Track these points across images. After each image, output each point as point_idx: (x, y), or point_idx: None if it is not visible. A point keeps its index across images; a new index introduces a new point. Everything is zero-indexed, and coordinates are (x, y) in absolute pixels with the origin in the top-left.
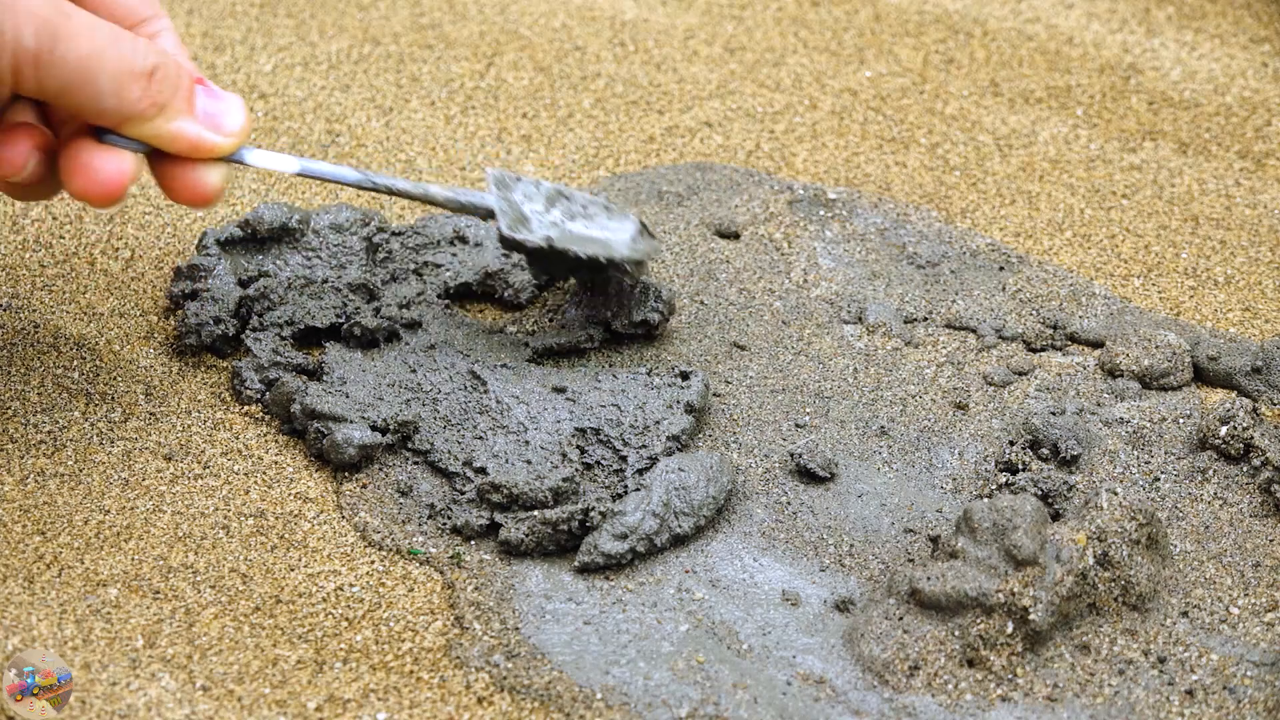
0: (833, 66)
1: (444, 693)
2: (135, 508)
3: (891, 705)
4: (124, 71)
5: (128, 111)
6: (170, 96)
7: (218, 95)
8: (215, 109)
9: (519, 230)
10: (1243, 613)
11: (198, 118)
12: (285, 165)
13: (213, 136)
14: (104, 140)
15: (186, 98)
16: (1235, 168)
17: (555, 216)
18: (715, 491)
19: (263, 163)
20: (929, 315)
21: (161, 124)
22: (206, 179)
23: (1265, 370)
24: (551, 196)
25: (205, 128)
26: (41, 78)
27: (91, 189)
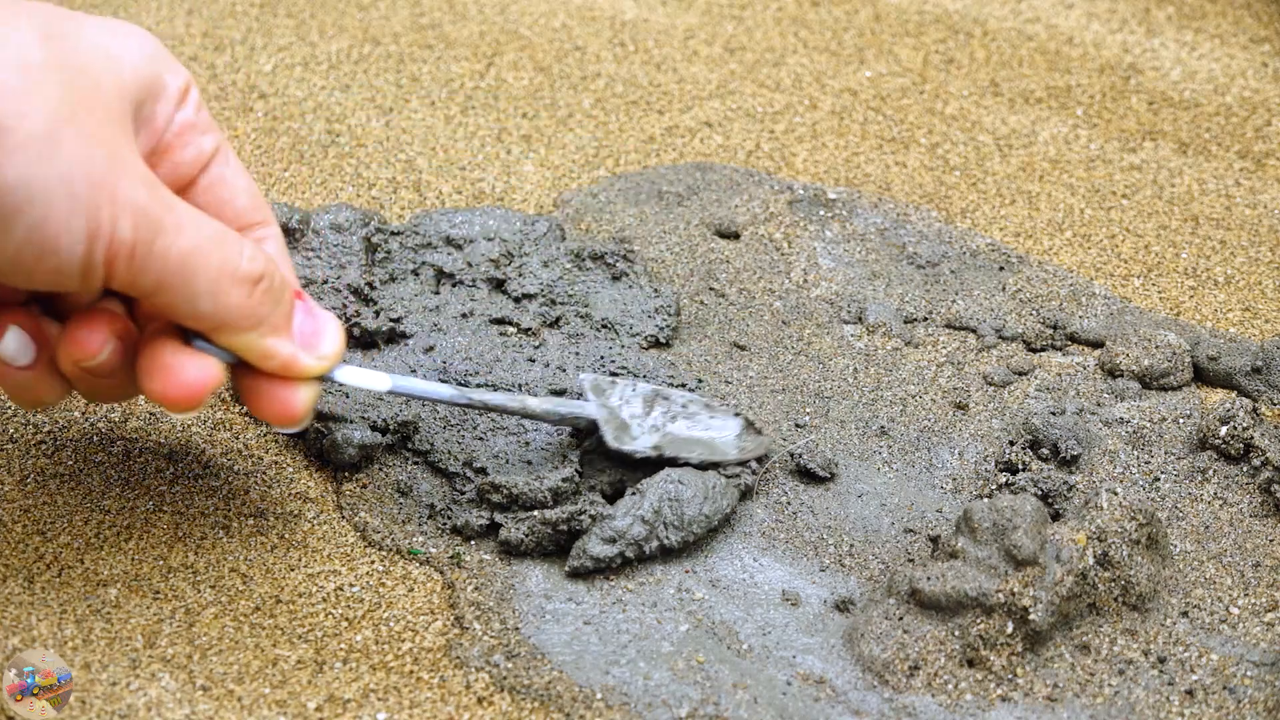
0: (833, 66)
1: (444, 693)
2: (135, 508)
3: (891, 705)
4: (227, 275)
5: (223, 318)
6: (270, 310)
7: (315, 314)
8: (311, 328)
9: (624, 441)
10: (1243, 613)
11: (294, 336)
12: (377, 384)
13: (306, 358)
14: (191, 343)
15: (286, 313)
16: (1235, 168)
17: (656, 419)
18: (709, 510)
19: (354, 381)
20: (929, 315)
21: (255, 338)
22: (294, 399)
23: (1265, 370)
24: (649, 398)
25: (300, 348)
26: (136, 272)
27: (171, 392)
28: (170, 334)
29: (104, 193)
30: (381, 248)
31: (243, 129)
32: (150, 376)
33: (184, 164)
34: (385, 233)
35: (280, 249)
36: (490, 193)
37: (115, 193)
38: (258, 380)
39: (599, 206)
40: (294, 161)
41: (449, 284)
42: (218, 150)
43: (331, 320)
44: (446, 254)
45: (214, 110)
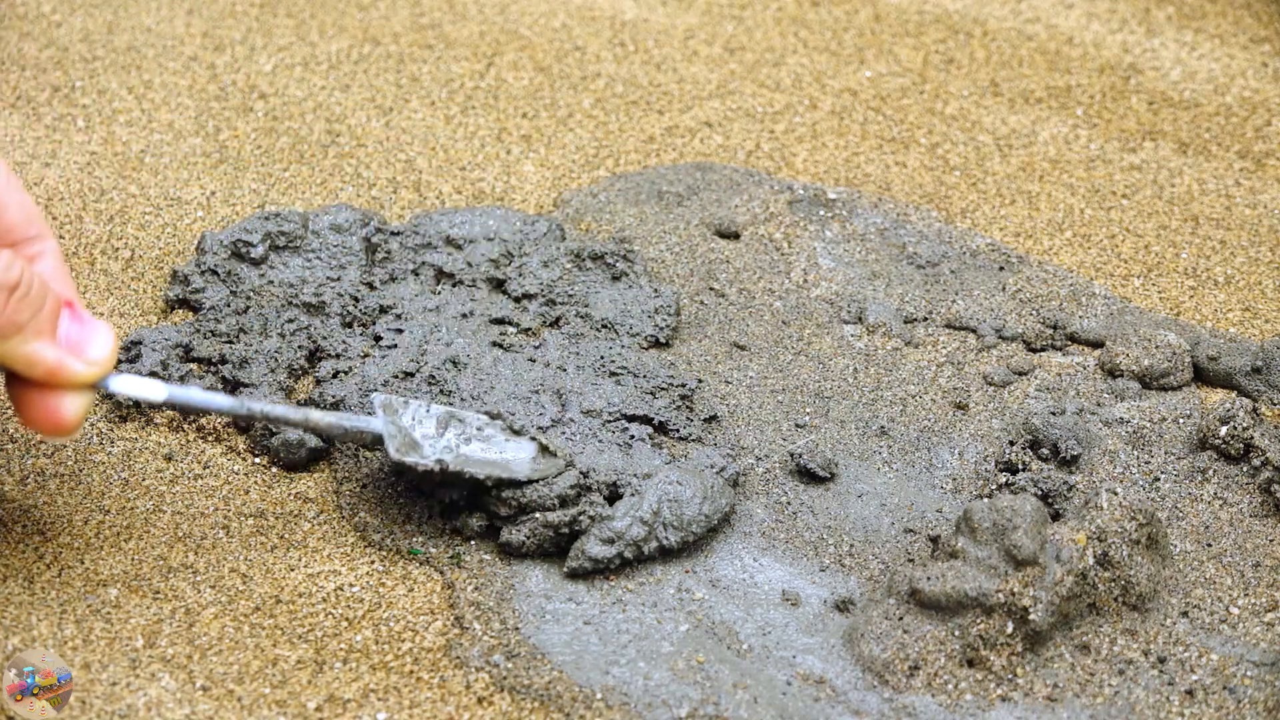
0: (833, 66)
1: (444, 693)
2: (135, 508)
3: (891, 705)
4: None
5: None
6: (29, 317)
7: (86, 321)
8: (80, 335)
9: (409, 454)
10: (1243, 613)
11: (59, 342)
12: (152, 393)
13: (73, 364)
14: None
15: (49, 319)
16: (1235, 168)
17: (449, 440)
18: (709, 510)
19: (128, 390)
20: (929, 315)
21: (17, 345)
22: (63, 408)
23: (1265, 370)
24: (443, 419)
25: (67, 353)
26: None
27: None
28: None
29: None
30: (381, 248)
31: (243, 129)
32: None
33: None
34: (385, 233)
35: (57, 264)
36: (490, 193)
37: None
38: (27, 390)
39: (599, 206)
40: (294, 161)
41: (449, 284)
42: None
43: (103, 327)
44: (446, 254)
45: (214, 110)
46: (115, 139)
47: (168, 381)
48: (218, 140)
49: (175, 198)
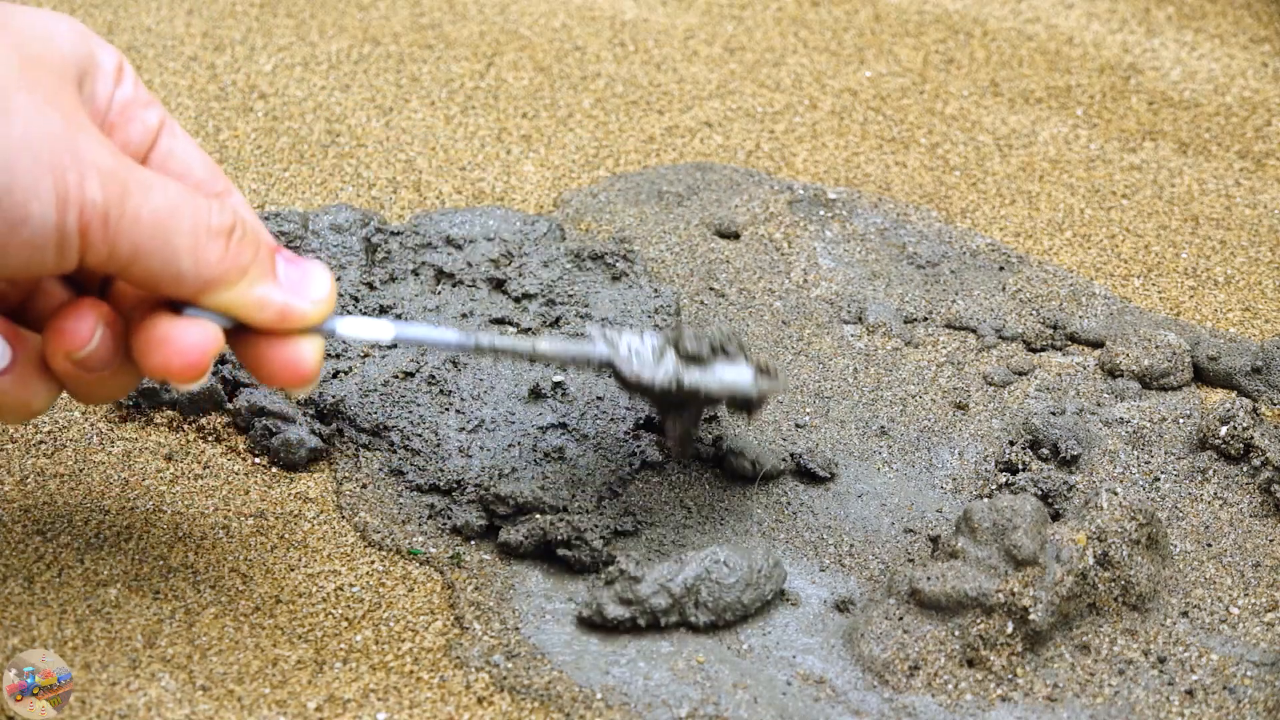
0: (833, 66)
1: (444, 693)
2: (135, 508)
3: (891, 705)
4: (201, 228)
5: (207, 274)
6: (252, 258)
7: (299, 262)
8: (299, 274)
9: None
10: (1243, 613)
11: (281, 284)
12: (380, 333)
13: (300, 303)
14: (183, 312)
15: (269, 260)
16: (1235, 168)
17: (665, 368)
18: (749, 599)
19: (355, 332)
20: (929, 315)
21: (245, 289)
22: (301, 353)
23: (1265, 370)
24: (659, 349)
25: (291, 295)
26: (112, 239)
27: (175, 362)
28: (159, 308)
29: (67, 152)
30: (381, 248)
31: (243, 129)
32: (149, 353)
33: (133, 141)
34: (385, 233)
35: (248, 210)
36: (490, 193)
37: (78, 152)
38: (259, 344)
39: (599, 206)
40: (294, 161)
41: (449, 284)
42: (163, 124)
43: (318, 266)
44: (446, 254)
45: (214, 110)
46: None
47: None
48: (218, 140)
49: None
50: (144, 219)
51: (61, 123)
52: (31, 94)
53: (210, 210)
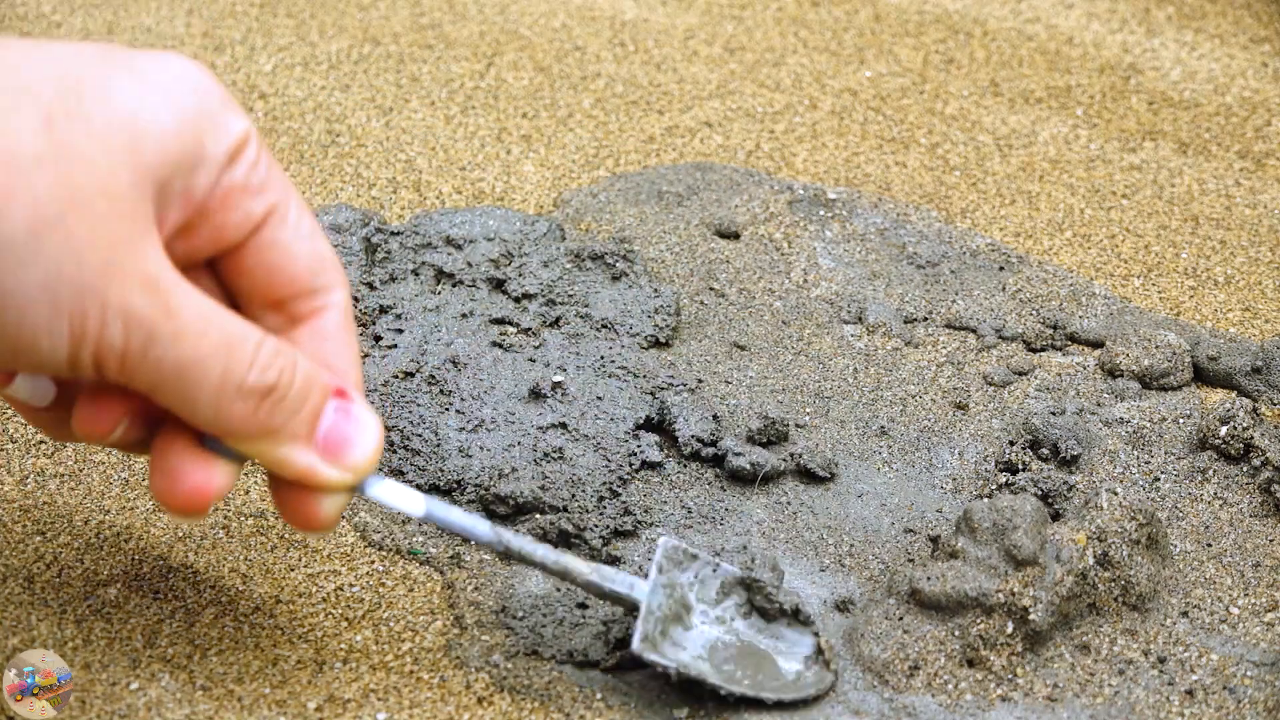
0: (833, 66)
1: (444, 693)
2: (135, 508)
3: (891, 705)
4: (231, 387)
5: (228, 429)
6: (285, 421)
7: (352, 417)
8: (342, 435)
9: (655, 647)
10: (1243, 613)
11: (315, 445)
12: (411, 507)
13: (326, 471)
14: (205, 443)
15: (308, 421)
16: (1235, 168)
17: (724, 610)
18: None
19: (385, 498)
20: (929, 315)
21: (267, 448)
22: (317, 509)
23: (1265, 370)
24: (728, 585)
25: (322, 458)
26: (129, 375)
27: (171, 498)
28: (185, 429)
29: (92, 299)
30: (381, 248)
31: None
32: (154, 476)
33: (228, 228)
34: (385, 233)
35: (340, 324)
36: (490, 193)
37: (105, 298)
38: (283, 486)
39: (599, 206)
40: (294, 161)
41: (449, 284)
42: (272, 212)
43: (370, 424)
44: (446, 254)
45: None
46: None
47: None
48: None
49: None
50: (165, 367)
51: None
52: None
53: (249, 367)
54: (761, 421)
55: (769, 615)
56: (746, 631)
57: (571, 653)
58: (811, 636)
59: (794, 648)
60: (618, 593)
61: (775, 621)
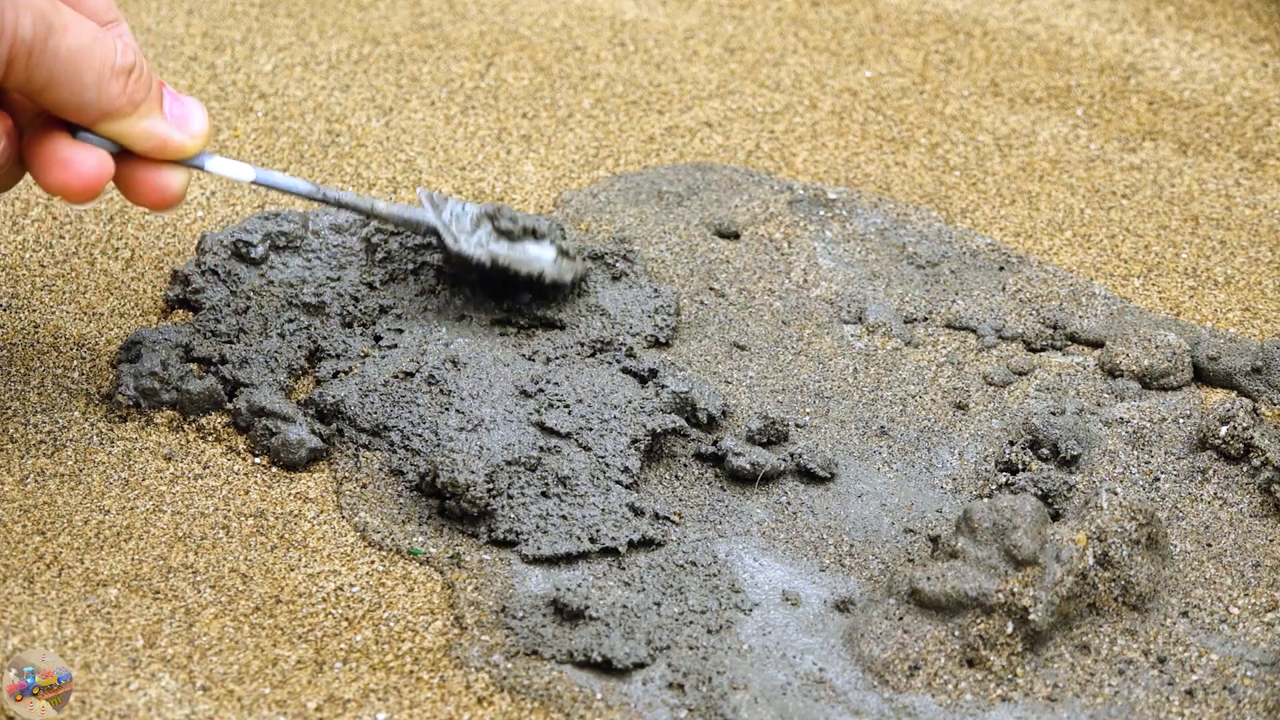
0: (833, 66)
1: (444, 693)
2: (135, 508)
3: (891, 705)
4: (107, 67)
5: (107, 107)
6: (145, 95)
7: (181, 100)
8: (182, 111)
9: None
10: (1243, 613)
11: (166, 118)
12: (241, 173)
13: (180, 135)
14: (76, 136)
15: (158, 97)
16: (1235, 168)
17: (479, 237)
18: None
19: (221, 169)
20: (929, 315)
21: (135, 121)
22: (170, 180)
23: (1265, 370)
24: (476, 218)
25: (174, 128)
26: (32, 68)
27: (73, 183)
28: (56, 129)
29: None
30: (381, 248)
31: (243, 129)
32: (48, 171)
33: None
34: (385, 233)
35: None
36: (490, 193)
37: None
38: (135, 168)
39: (599, 206)
40: (294, 161)
41: (449, 284)
42: None
43: (197, 105)
44: None
45: (214, 110)
46: None
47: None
48: (218, 140)
49: None
50: (61, 55)
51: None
52: None
53: (116, 51)
54: (761, 421)
55: (513, 236)
56: (503, 250)
57: (571, 653)
58: (551, 245)
59: (541, 255)
60: (415, 219)
61: (519, 241)
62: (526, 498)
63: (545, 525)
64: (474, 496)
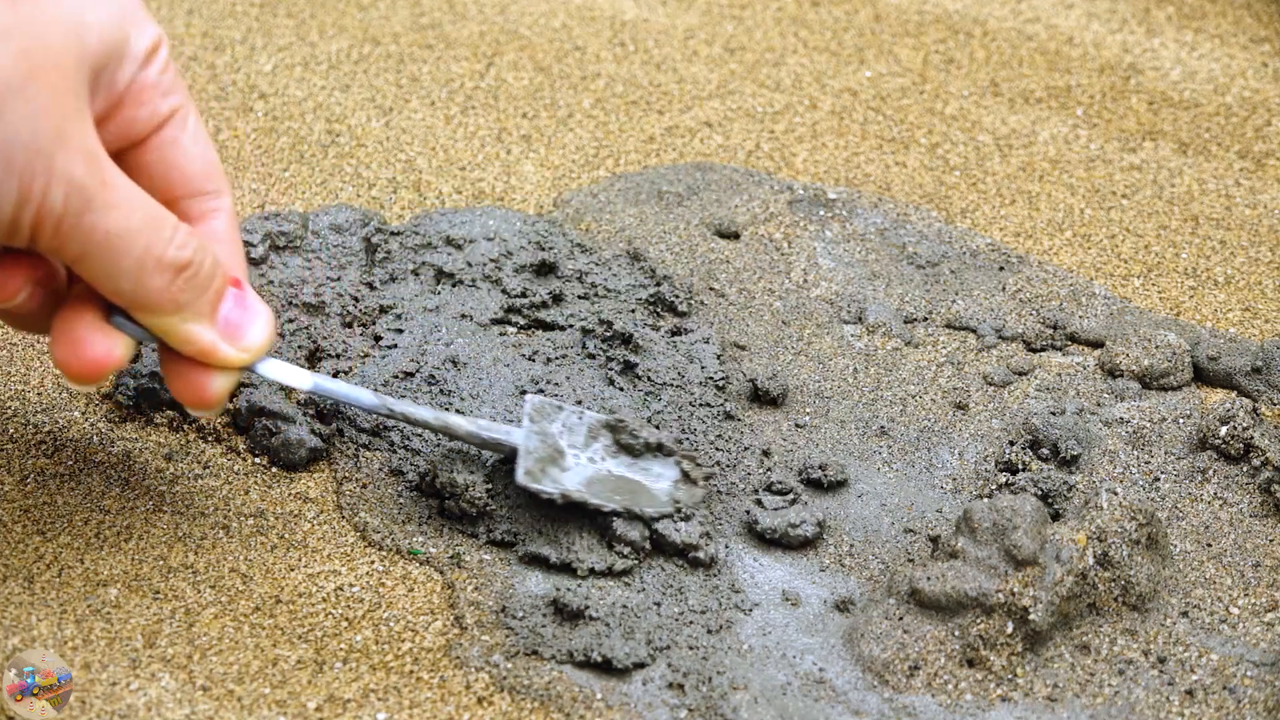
0: (833, 66)
1: (444, 693)
2: (135, 508)
3: (891, 705)
4: (152, 259)
5: (143, 301)
6: (194, 298)
7: (247, 305)
8: (240, 319)
9: (537, 479)
10: (1243, 613)
11: (217, 324)
12: (299, 382)
13: (226, 349)
14: (111, 317)
15: (212, 301)
16: (1235, 168)
17: (594, 451)
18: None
19: (276, 376)
20: (929, 315)
21: (175, 322)
22: (209, 386)
23: (1265, 370)
24: (594, 429)
25: (222, 336)
26: (61, 241)
27: (72, 365)
28: (91, 302)
29: (41, 162)
30: (381, 248)
31: (243, 129)
32: (57, 344)
33: (137, 122)
34: (385, 233)
35: (229, 225)
36: (490, 193)
37: (52, 163)
38: (177, 360)
39: (599, 206)
40: (294, 161)
41: (449, 284)
42: (175, 113)
43: (263, 314)
44: (446, 254)
45: (214, 110)
46: None
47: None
48: (217, 140)
49: None
50: (96, 235)
51: (49, 132)
52: (29, 97)
53: (169, 243)
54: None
55: (635, 452)
56: (617, 468)
57: (571, 653)
58: (675, 465)
59: (662, 475)
60: (496, 439)
61: (641, 457)
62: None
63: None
64: (473, 497)
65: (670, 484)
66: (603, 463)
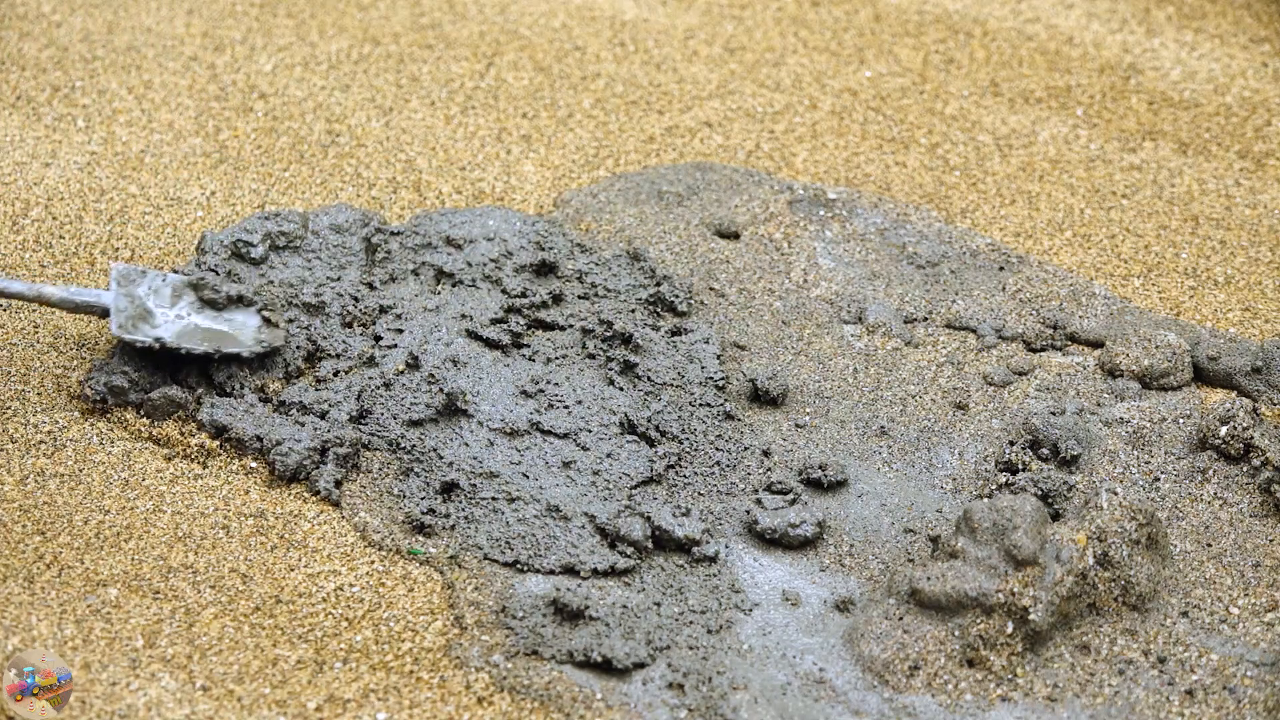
0: (833, 66)
1: (444, 693)
2: (135, 508)
3: (891, 705)
4: None
5: None
6: None
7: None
8: None
9: (131, 330)
10: (1243, 613)
11: None
12: None
13: None
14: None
15: None
16: (1235, 168)
17: (181, 309)
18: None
19: None
20: (929, 315)
21: None
22: None
23: (1265, 370)
24: (178, 289)
25: None
26: None
27: None
28: None
29: None
30: (381, 248)
31: (243, 129)
32: None
33: None
34: (385, 233)
35: None
36: (490, 193)
37: None
38: None
39: (599, 206)
40: (294, 161)
41: (449, 284)
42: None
43: None
44: (446, 254)
45: (214, 110)
46: (115, 139)
47: None
48: (218, 140)
49: (175, 198)
50: None
51: None
52: None
53: None
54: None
55: (219, 305)
56: (204, 321)
57: (571, 653)
58: (257, 314)
59: (245, 324)
60: (88, 302)
61: (225, 310)
62: None
63: None
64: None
65: (255, 329)
66: (190, 318)
